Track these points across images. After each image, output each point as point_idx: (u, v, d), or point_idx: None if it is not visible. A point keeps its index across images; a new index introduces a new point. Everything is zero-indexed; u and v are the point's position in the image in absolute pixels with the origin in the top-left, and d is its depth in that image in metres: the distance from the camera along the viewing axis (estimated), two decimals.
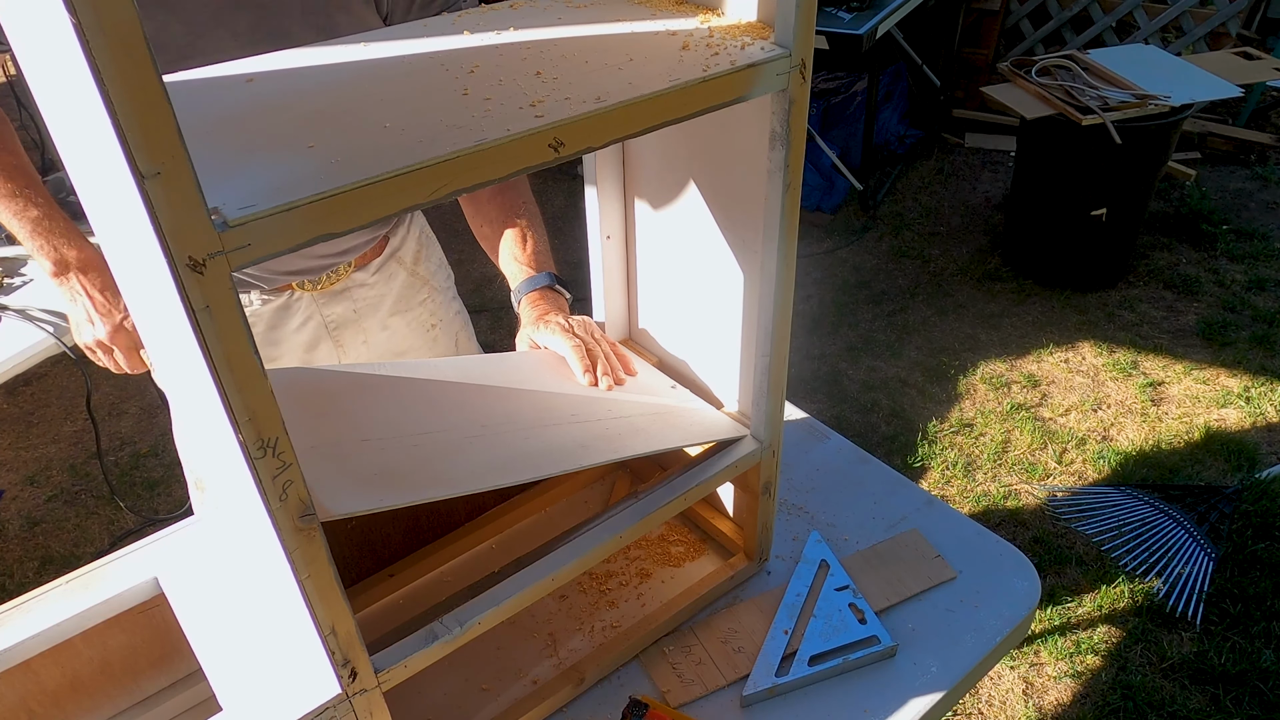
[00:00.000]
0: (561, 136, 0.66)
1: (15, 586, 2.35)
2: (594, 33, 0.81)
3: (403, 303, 1.43)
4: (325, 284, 1.34)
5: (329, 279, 1.34)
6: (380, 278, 1.40)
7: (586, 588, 1.15)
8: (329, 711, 0.77)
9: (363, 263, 1.37)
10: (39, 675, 0.93)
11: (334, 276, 1.34)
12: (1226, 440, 2.61)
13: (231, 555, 0.97)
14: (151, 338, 0.73)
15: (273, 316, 1.32)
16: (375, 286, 1.39)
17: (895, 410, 2.80)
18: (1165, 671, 2.01)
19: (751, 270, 0.96)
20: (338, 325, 1.38)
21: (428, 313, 1.47)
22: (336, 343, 1.39)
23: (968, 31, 4.36)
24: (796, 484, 1.30)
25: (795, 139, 0.82)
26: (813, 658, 1.04)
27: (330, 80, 0.73)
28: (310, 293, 1.33)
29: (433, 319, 1.48)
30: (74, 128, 0.57)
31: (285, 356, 1.36)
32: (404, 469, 0.83)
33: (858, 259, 3.56)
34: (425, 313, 1.47)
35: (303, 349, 1.36)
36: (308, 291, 1.33)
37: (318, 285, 1.33)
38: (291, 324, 1.34)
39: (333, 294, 1.35)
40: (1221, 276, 3.31)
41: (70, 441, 2.82)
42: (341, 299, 1.36)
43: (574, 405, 1.02)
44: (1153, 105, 2.89)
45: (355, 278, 1.37)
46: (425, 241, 1.47)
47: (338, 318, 1.37)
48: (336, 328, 1.38)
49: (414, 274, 1.44)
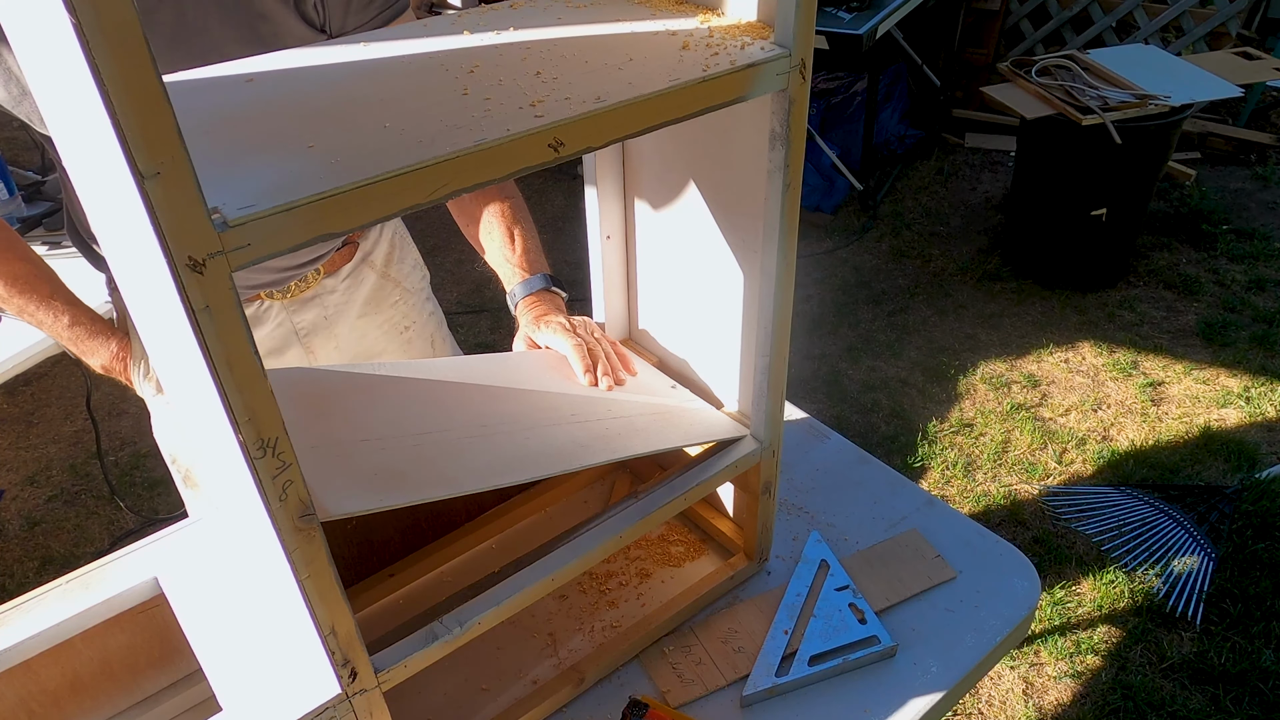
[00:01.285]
0: (561, 136, 0.66)
1: (15, 586, 2.35)
2: (594, 33, 0.81)
3: (372, 305, 1.41)
4: (295, 292, 1.31)
5: (298, 287, 1.31)
6: (350, 283, 1.38)
7: (586, 588, 1.15)
8: (329, 711, 0.77)
9: (332, 269, 1.34)
10: (39, 675, 0.93)
11: (303, 284, 1.32)
12: (1226, 440, 2.61)
13: (231, 555, 0.97)
14: (152, 338, 0.73)
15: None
16: (344, 292, 1.37)
17: (895, 410, 2.80)
18: (1165, 671, 2.01)
19: (751, 270, 0.96)
20: (308, 332, 1.35)
21: (400, 314, 1.45)
22: (307, 349, 1.37)
23: (968, 31, 4.37)
24: (796, 484, 1.30)
25: (795, 139, 0.82)
26: (813, 658, 1.04)
27: (330, 80, 0.73)
28: (280, 301, 1.31)
29: (405, 321, 1.46)
30: (74, 128, 0.57)
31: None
32: (404, 469, 0.83)
33: (858, 259, 3.56)
34: (397, 314, 1.45)
35: (270, 356, 1.33)
36: (277, 300, 1.31)
37: (287, 294, 1.31)
38: (261, 332, 1.32)
39: (302, 301, 1.33)
40: (1221, 276, 3.31)
41: (70, 441, 2.82)
42: (311, 305, 1.34)
43: (574, 405, 1.02)
44: (1153, 105, 2.89)
45: (325, 284, 1.34)
46: (399, 243, 1.45)
47: (308, 324, 1.35)
48: (307, 334, 1.35)
49: (385, 276, 1.42)
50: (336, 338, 1.39)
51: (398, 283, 1.44)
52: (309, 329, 1.35)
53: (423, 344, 1.50)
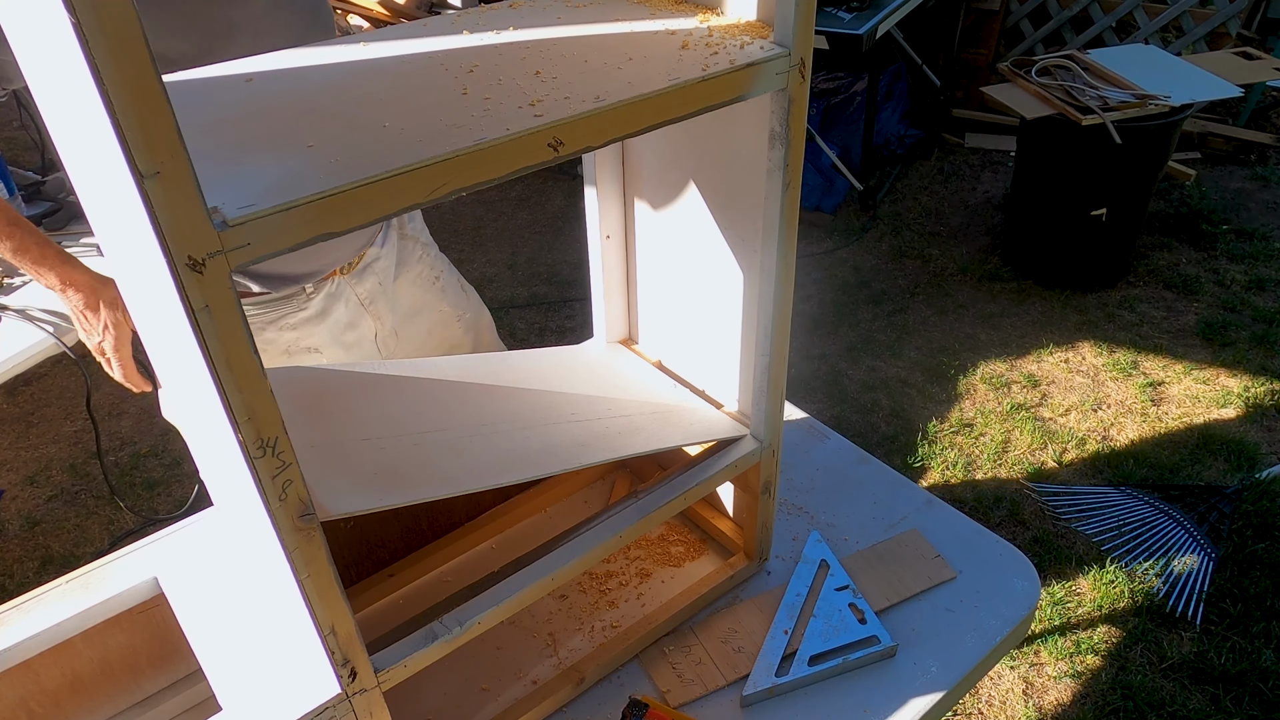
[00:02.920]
0: (561, 136, 0.66)
1: (15, 586, 2.35)
2: (593, 32, 0.81)
3: (404, 265, 1.50)
4: (355, 265, 1.41)
5: (358, 260, 1.41)
6: (388, 248, 1.47)
7: (586, 588, 1.15)
8: (329, 711, 0.77)
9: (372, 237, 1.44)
10: (39, 675, 0.93)
11: (360, 256, 1.41)
12: (1226, 440, 2.61)
13: (231, 555, 0.97)
14: (151, 338, 0.73)
15: (323, 303, 1.38)
16: (386, 257, 1.46)
17: (895, 410, 2.80)
18: (1165, 671, 2.01)
19: (751, 270, 0.96)
20: (370, 300, 1.44)
21: (426, 267, 1.54)
22: (374, 316, 1.46)
23: (968, 32, 4.36)
24: (796, 484, 1.30)
25: (795, 138, 0.82)
26: (813, 658, 1.04)
27: (329, 80, 0.73)
28: (343, 276, 1.40)
29: (433, 273, 1.55)
30: (74, 128, 0.57)
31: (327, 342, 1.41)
32: (404, 468, 0.83)
33: (858, 259, 3.56)
34: (425, 268, 1.54)
35: (347, 329, 1.42)
36: (343, 275, 1.39)
37: (350, 269, 1.40)
38: (338, 311, 1.40)
39: (359, 273, 1.42)
40: (1221, 276, 3.31)
41: (70, 441, 2.82)
42: (367, 275, 1.43)
43: (574, 404, 1.02)
44: (1153, 105, 2.89)
45: (371, 253, 1.43)
46: None
47: (368, 293, 1.44)
48: (370, 303, 1.44)
49: (404, 235, 1.51)
50: (391, 301, 1.48)
51: (415, 239, 1.53)
52: (370, 297, 1.44)
53: (454, 292, 1.59)
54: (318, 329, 1.37)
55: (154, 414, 2.85)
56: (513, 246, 3.65)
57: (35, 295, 1.77)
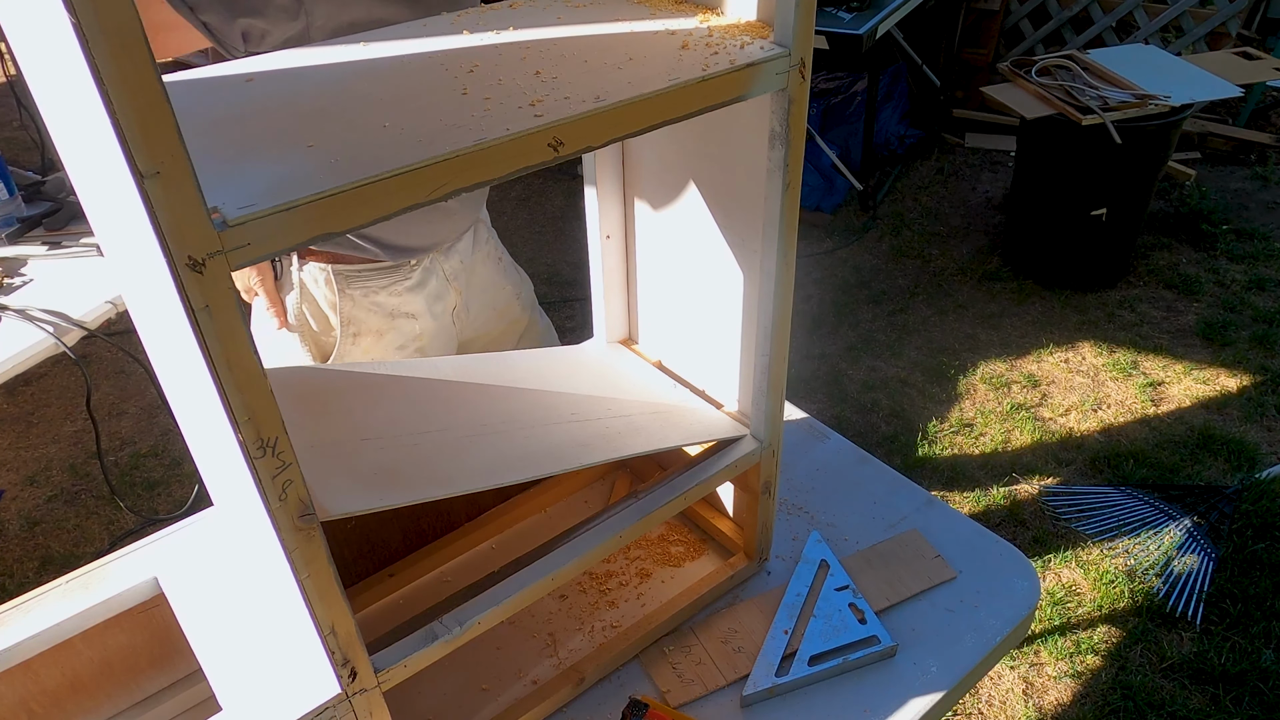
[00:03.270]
0: (561, 136, 0.66)
1: (15, 586, 2.34)
2: (593, 32, 0.81)
3: (478, 245, 1.54)
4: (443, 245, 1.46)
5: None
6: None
7: (586, 588, 1.15)
8: (329, 711, 0.77)
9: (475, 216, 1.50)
10: (39, 675, 0.93)
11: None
12: (1226, 440, 2.61)
13: (231, 555, 0.97)
14: (151, 338, 0.73)
15: (422, 275, 1.43)
16: (466, 237, 1.50)
17: (895, 410, 2.80)
18: (1165, 671, 2.01)
19: (751, 270, 0.96)
20: (454, 276, 1.49)
21: (493, 246, 1.59)
22: (456, 291, 1.50)
23: (968, 31, 4.37)
24: (796, 484, 1.30)
25: (795, 138, 0.82)
26: (813, 658, 1.04)
27: (329, 80, 0.73)
28: (435, 255, 1.44)
29: (498, 251, 1.59)
30: (74, 128, 0.57)
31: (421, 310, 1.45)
32: (404, 468, 0.83)
33: (858, 259, 3.56)
34: (491, 246, 1.58)
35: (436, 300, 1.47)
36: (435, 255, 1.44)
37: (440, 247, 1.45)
38: (430, 285, 1.45)
39: (446, 252, 1.47)
40: (1221, 276, 3.31)
41: (70, 441, 2.82)
42: (452, 254, 1.48)
43: (574, 405, 1.02)
44: (1153, 105, 2.89)
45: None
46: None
47: (452, 270, 1.48)
48: (454, 278, 1.49)
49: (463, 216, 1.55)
50: (470, 278, 1.53)
51: (483, 220, 1.57)
52: (454, 273, 1.49)
53: (512, 271, 1.63)
54: (417, 297, 1.44)
55: (154, 414, 2.86)
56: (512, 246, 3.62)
57: (35, 295, 1.77)
